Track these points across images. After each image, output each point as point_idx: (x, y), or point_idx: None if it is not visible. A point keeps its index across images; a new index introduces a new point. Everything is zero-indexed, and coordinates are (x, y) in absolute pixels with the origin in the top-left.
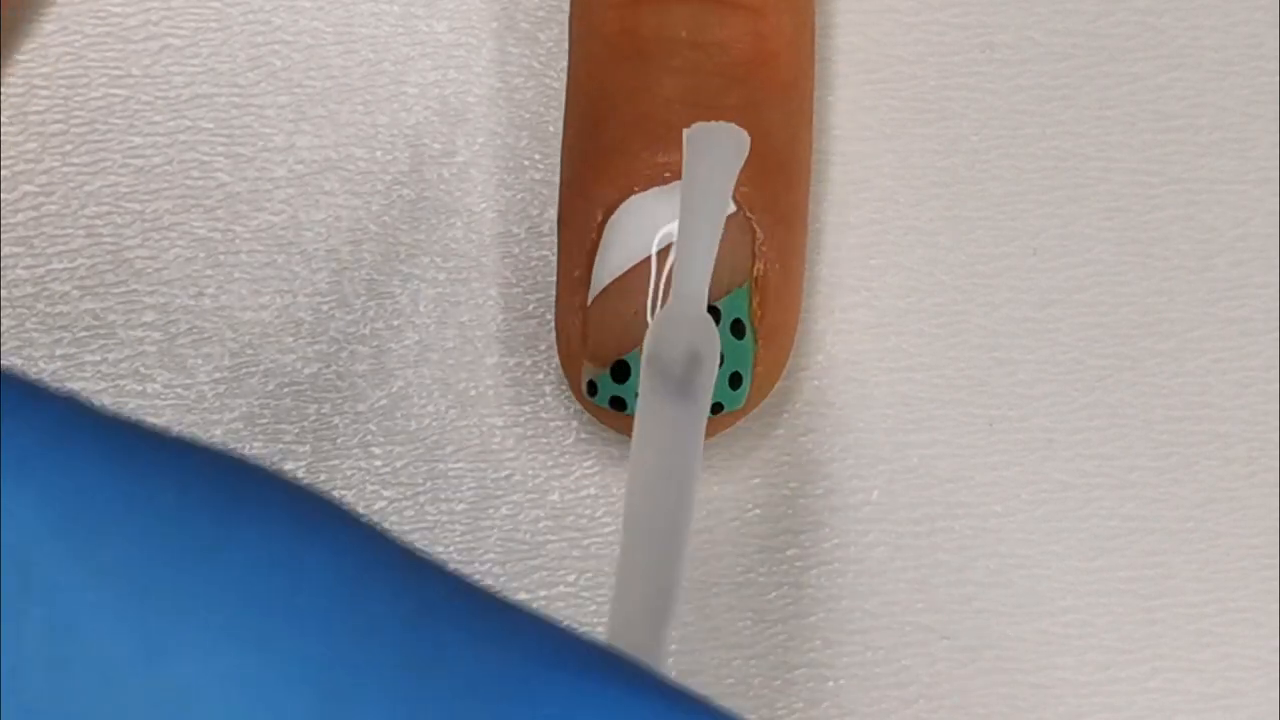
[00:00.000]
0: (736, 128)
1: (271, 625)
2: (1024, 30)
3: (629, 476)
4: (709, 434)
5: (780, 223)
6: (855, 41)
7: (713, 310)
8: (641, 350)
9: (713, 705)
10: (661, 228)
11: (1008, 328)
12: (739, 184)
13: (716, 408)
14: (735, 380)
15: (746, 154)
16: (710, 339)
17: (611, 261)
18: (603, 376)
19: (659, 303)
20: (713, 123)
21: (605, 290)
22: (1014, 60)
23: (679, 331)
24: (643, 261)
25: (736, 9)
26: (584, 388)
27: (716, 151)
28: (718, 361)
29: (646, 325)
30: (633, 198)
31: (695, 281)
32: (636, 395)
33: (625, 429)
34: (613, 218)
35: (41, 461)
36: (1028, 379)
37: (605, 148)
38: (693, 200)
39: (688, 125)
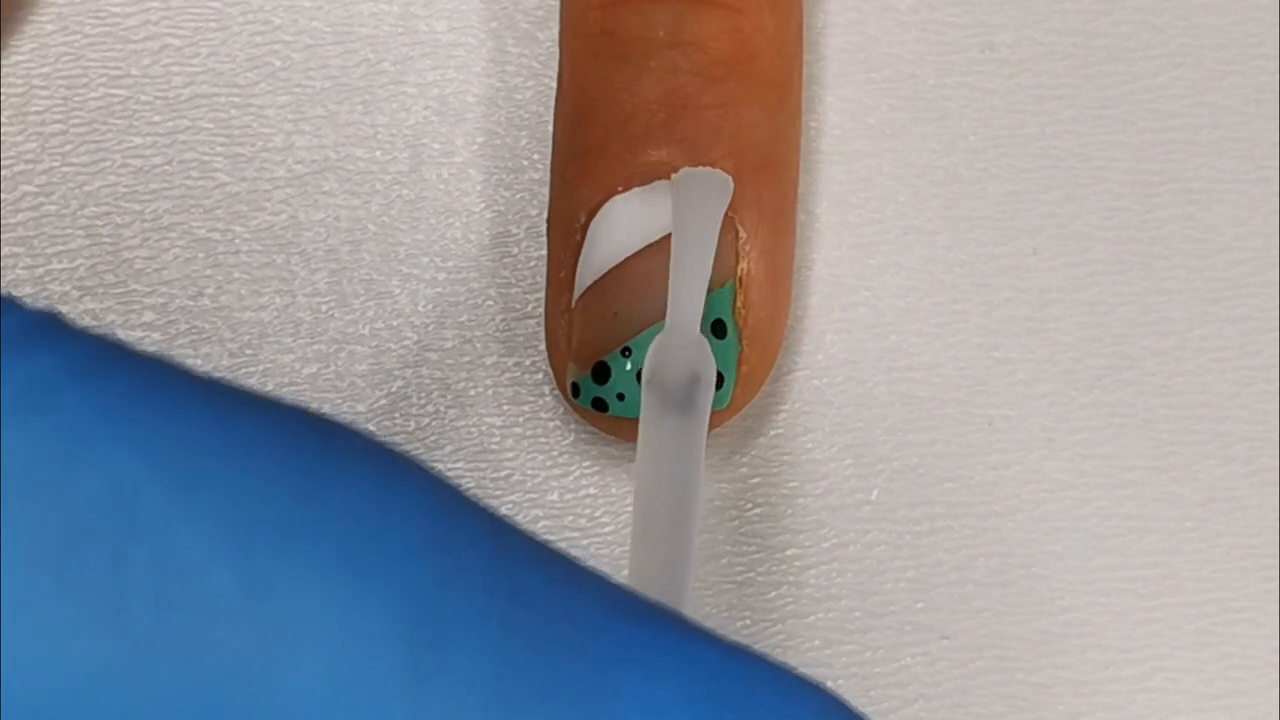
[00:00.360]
0: (721, 173)
1: (363, 571)
2: (1023, 29)
3: (636, 489)
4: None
5: (764, 221)
6: (854, 41)
7: None
8: (621, 352)
9: (764, 655)
10: (642, 228)
11: (1007, 327)
12: None
13: None
14: (719, 380)
15: (730, 194)
16: (706, 360)
17: (594, 262)
18: (584, 378)
19: (638, 304)
20: (699, 168)
21: (587, 291)
22: (1013, 59)
23: (677, 355)
24: (623, 262)
25: (715, 8)
26: (568, 389)
27: (701, 191)
28: (715, 381)
29: (627, 326)
30: (614, 198)
31: (688, 309)
32: (617, 397)
33: (609, 430)
34: (595, 218)
35: (139, 412)
36: (1027, 378)
37: (587, 148)
38: (682, 237)
39: (667, 125)
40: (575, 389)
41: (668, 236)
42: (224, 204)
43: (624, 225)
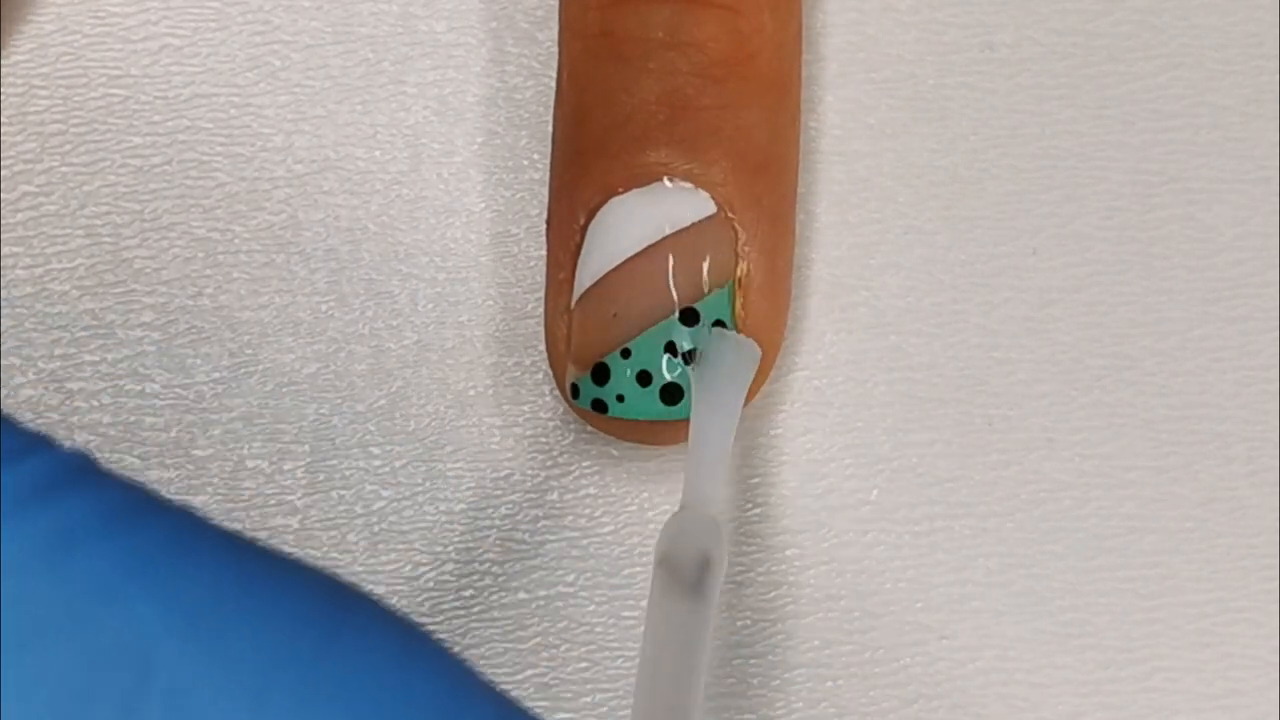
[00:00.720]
0: (749, 341)
1: None
2: (1023, 29)
3: (639, 670)
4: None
5: (763, 222)
6: (854, 41)
7: (691, 312)
8: (620, 353)
9: None
10: (640, 229)
11: (1007, 327)
12: (717, 182)
13: None
14: None
15: (758, 364)
16: (719, 543)
17: (593, 263)
18: (584, 379)
19: (637, 306)
20: (727, 332)
21: (586, 292)
22: (1013, 59)
23: (690, 536)
24: (622, 263)
25: (713, 8)
26: (567, 390)
27: (730, 360)
28: (726, 564)
29: (626, 327)
30: (613, 199)
31: (706, 487)
32: (617, 398)
33: (608, 431)
34: (594, 220)
35: (166, 564)
36: (1027, 378)
37: (586, 150)
38: (706, 408)
39: (666, 126)
40: (575, 390)
41: (667, 238)
42: (224, 203)
43: (622, 227)
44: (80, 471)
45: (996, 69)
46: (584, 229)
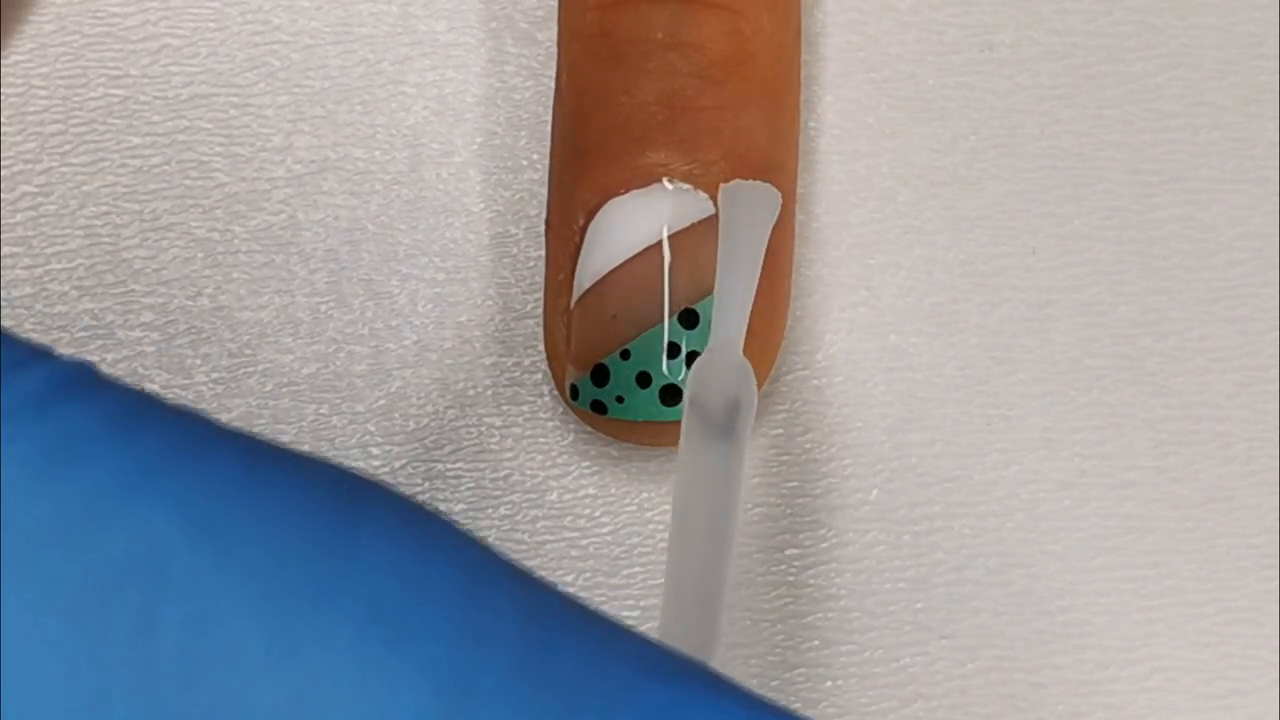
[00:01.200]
0: (769, 187)
1: (396, 629)
2: (1023, 29)
3: (673, 511)
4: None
5: None
6: (853, 41)
7: (691, 314)
8: (620, 355)
9: (795, 714)
10: (640, 231)
11: (1006, 327)
12: (717, 183)
13: None
14: None
15: (779, 210)
16: (749, 384)
17: (592, 264)
18: (583, 380)
19: (636, 307)
20: (747, 181)
21: (585, 293)
22: (1013, 59)
23: (720, 378)
24: (621, 265)
25: (713, 9)
26: (567, 391)
27: (750, 207)
28: (755, 405)
29: (626, 329)
30: (612, 201)
31: (732, 329)
32: (616, 399)
33: (608, 432)
34: (593, 221)
35: (173, 469)
36: (1026, 378)
37: (585, 150)
38: (729, 253)
39: (666, 127)
40: (574, 391)
41: (667, 238)
42: (223, 204)
43: (622, 228)
44: (81, 381)
45: (996, 69)
46: (583, 230)
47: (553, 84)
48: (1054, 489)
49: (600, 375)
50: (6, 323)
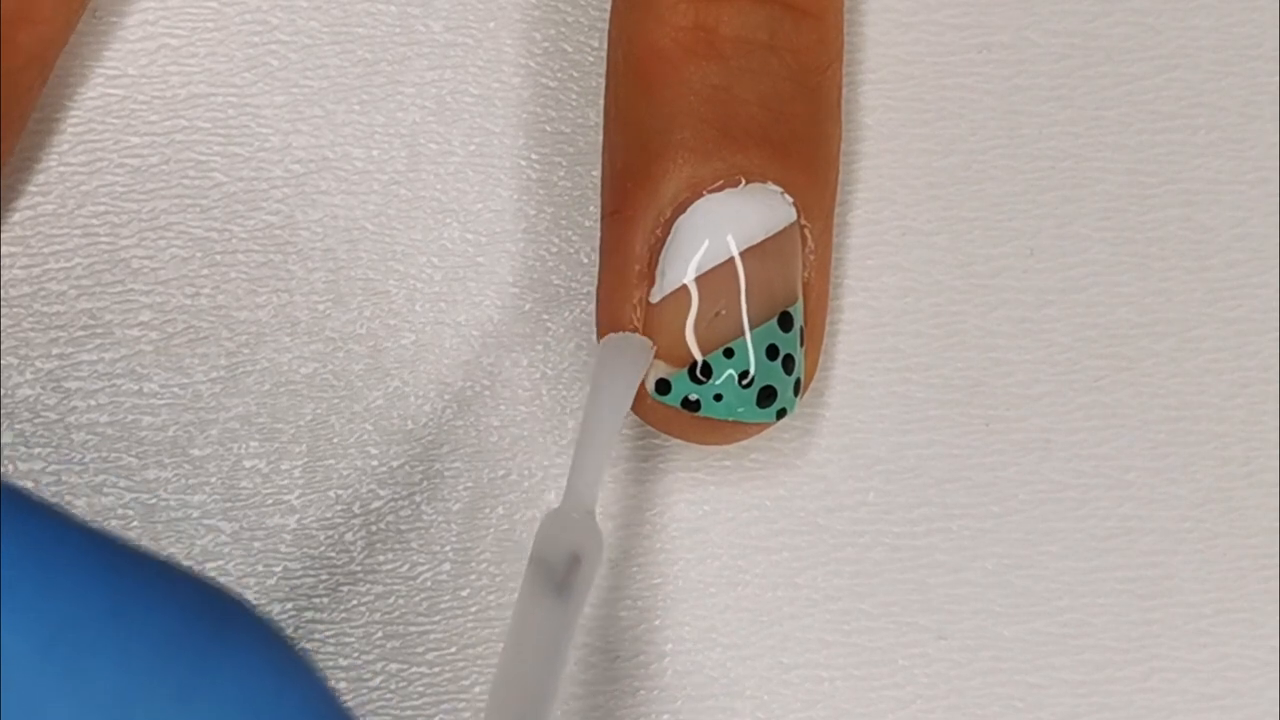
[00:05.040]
0: (644, 339)
1: None
2: (1021, 31)
3: (500, 661)
4: (758, 433)
5: (825, 233)
6: (852, 42)
7: (788, 316)
8: (724, 353)
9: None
10: (732, 231)
11: (1005, 328)
12: (800, 190)
13: (781, 413)
14: (797, 387)
15: (649, 363)
16: (592, 541)
17: (687, 259)
18: (679, 376)
19: (745, 305)
20: (623, 334)
21: (683, 288)
22: (1011, 61)
23: (563, 532)
24: (726, 262)
25: (807, 16)
26: (652, 386)
27: (622, 363)
28: (599, 563)
29: (731, 326)
30: (707, 197)
31: (586, 486)
32: (715, 397)
33: (683, 433)
34: (683, 216)
35: (25, 577)
36: (1025, 379)
37: (678, 143)
38: (596, 408)
39: (764, 129)
40: (664, 385)
41: (767, 240)
42: (221, 203)
43: (720, 224)
44: None
45: (994, 70)
46: (669, 223)
47: (551, 83)
48: (1052, 490)
49: (702, 372)
50: (5, 322)
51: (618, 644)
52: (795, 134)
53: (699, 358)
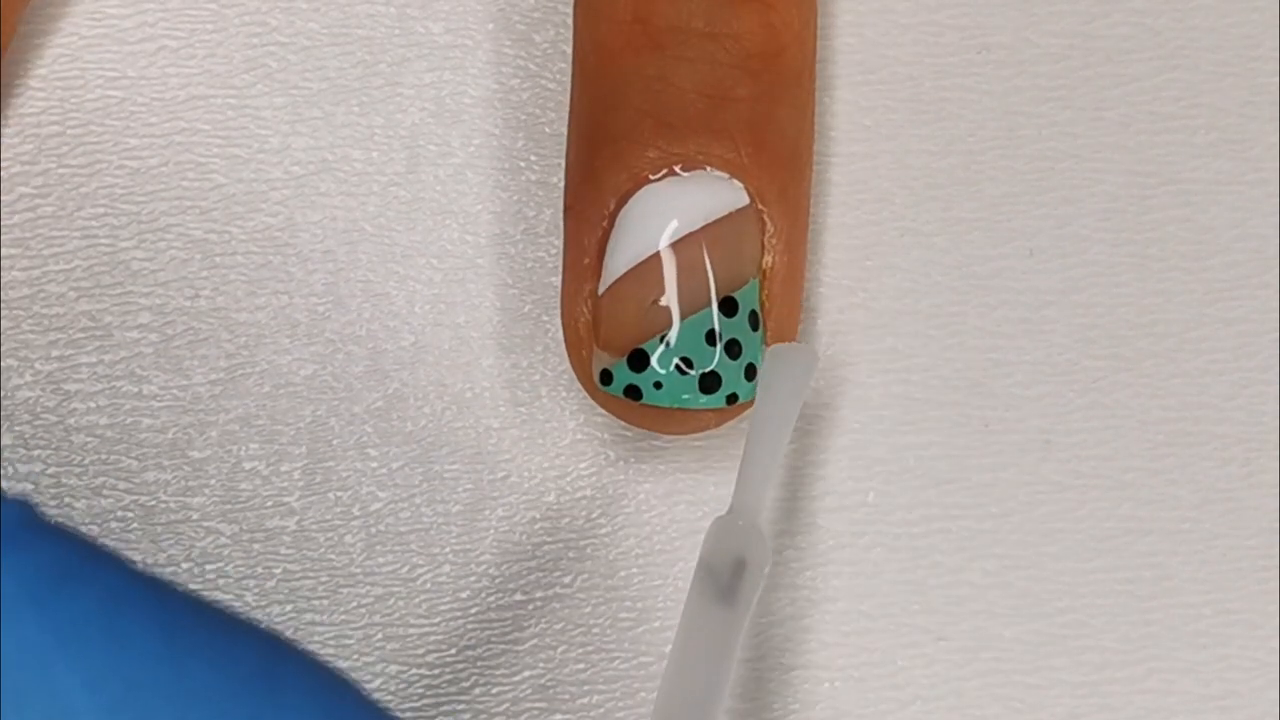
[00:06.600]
0: (811, 349)
1: None
2: (1020, 31)
3: (666, 666)
4: (719, 423)
5: (787, 215)
6: (852, 43)
7: (730, 301)
8: (660, 340)
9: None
10: (674, 218)
11: (1004, 329)
12: (751, 174)
13: (731, 398)
14: (750, 372)
15: (816, 373)
16: (760, 549)
17: (626, 250)
18: (618, 365)
19: (677, 292)
20: (790, 344)
21: (621, 279)
22: (1010, 61)
23: (730, 540)
24: (663, 250)
25: (749, 2)
26: (596, 377)
27: (791, 372)
28: (765, 570)
29: (666, 314)
30: (647, 187)
31: (753, 495)
32: (654, 385)
33: (634, 420)
34: (626, 207)
35: (92, 635)
36: (1024, 380)
37: (618, 135)
38: (764, 419)
39: (704, 116)
40: (606, 376)
41: (707, 226)
42: (221, 205)
43: (660, 214)
44: (19, 528)
45: (994, 71)
46: (614, 215)
47: (551, 85)
48: (1051, 490)
49: (639, 360)
50: (4, 324)
51: (618, 644)
52: (741, 119)
53: (635, 346)
